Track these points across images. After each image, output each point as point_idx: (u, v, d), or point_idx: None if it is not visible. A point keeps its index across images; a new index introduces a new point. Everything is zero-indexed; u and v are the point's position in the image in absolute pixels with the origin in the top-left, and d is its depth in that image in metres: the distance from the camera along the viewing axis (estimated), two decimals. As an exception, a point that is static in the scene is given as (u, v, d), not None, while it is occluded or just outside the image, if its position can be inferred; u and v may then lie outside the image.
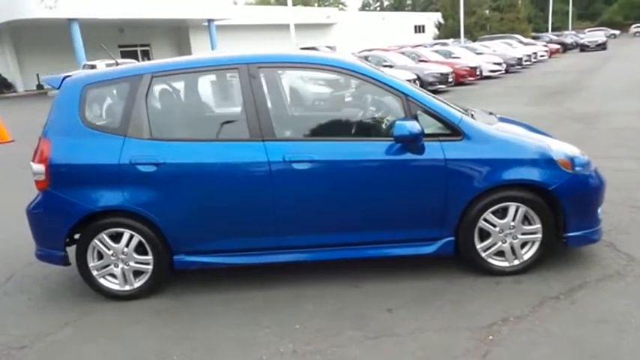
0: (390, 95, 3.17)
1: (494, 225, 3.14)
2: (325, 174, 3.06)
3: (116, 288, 3.26)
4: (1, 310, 3.32)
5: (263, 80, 3.16)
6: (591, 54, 30.08)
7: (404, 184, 3.08)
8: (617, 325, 2.62)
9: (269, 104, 3.16)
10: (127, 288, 3.27)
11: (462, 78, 16.62)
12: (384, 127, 3.27)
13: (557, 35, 41.33)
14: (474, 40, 33.09)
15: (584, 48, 33.68)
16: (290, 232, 3.17)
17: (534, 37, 37.07)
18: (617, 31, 53.75)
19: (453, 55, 19.39)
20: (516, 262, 3.21)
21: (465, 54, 19.94)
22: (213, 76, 3.92)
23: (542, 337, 2.57)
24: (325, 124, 3.51)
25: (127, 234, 3.15)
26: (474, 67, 17.44)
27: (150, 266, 3.22)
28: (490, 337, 2.59)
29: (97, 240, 3.16)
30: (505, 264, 3.22)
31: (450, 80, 15.58)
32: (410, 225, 3.17)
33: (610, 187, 3.39)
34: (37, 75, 28.33)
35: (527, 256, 3.21)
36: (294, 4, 25.71)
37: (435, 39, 40.89)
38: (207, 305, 3.16)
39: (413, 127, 2.92)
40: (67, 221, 3.13)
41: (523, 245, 3.20)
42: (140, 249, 3.19)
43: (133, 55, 29.20)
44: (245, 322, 2.94)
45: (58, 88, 3.23)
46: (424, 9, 67.46)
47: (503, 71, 19.60)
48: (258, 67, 3.15)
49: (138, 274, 3.26)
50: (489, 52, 21.57)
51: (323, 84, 5.78)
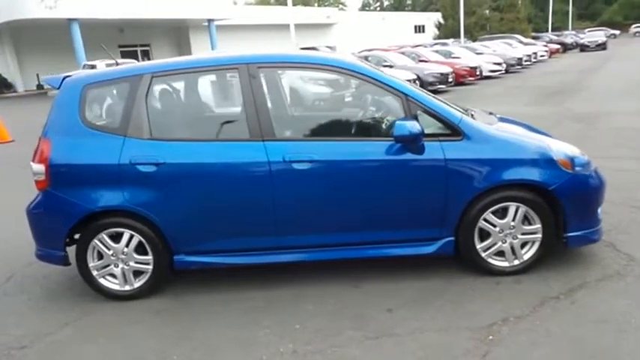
0: (390, 95, 3.17)
1: (494, 225, 3.14)
2: (325, 174, 3.06)
3: (116, 288, 3.26)
4: (1, 310, 3.32)
5: (263, 80, 3.16)
6: (591, 54, 30.08)
7: (404, 184, 3.08)
8: (617, 325, 2.62)
9: (269, 104, 3.16)
10: (127, 288, 3.27)
11: (462, 78, 16.62)
12: (384, 127, 3.27)
13: (557, 35, 41.32)
14: (473, 40, 33.09)
15: (584, 48, 33.67)
16: (290, 232, 3.17)
17: (534, 37, 37.07)
18: (617, 31, 53.76)
19: (452, 55, 19.39)
20: (516, 262, 3.21)
21: (465, 54, 19.94)
22: (213, 76, 3.92)
23: (542, 337, 2.57)
24: (325, 124, 3.51)
25: (127, 234, 3.16)
26: (474, 67, 17.45)
27: (150, 266, 3.22)
28: (490, 337, 2.59)
29: (97, 240, 3.16)
30: (505, 264, 3.22)
31: (450, 80, 15.59)
32: (410, 225, 3.18)
33: (610, 187, 3.39)
34: (37, 75, 28.33)
35: (527, 256, 3.21)
36: (294, 4, 25.72)
37: (435, 39, 40.89)
38: (207, 305, 3.16)
39: (413, 127, 2.92)
40: (67, 221, 3.13)
41: (523, 245, 3.20)
42: (140, 249, 3.19)
43: (132, 55, 29.20)
44: (245, 322, 2.94)
45: (58, 88, 3.23)
46: (424, 9, 67.48)
47: (503, 71, 19.60)
48: (258, 67, 3.15)
49: (138, 274, 3.26)
50: (489, 52, 21.57)
51: (323, 84, 5.78)
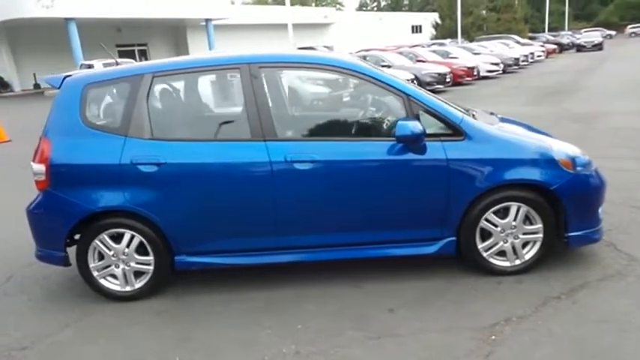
0: (392, 95, 3.17)
1: (495, 225, 3.14)
2: (327, 174, 3.05)
3: (117, 289, 3.25)
4: (1, 311, 3.30)
5: (264, 80, 3.15)
6: (588, 54, 30.18)
7: (406, 184, 3.08)
8: (619, 325, 2.63)
9: (270, 104, 3.15)
10: (128, 289, 3.25)
11: (460, 78, 16.63)
12: (385, 127, 3.27)
13: (554, 35, 41.41)
14: (470, 41, 33.13)
15: (580, 48, 33.78)
16: (291, 233, 3.16)
17: (531, 38, 37.14)
18: (613, 32, 53.95)
19: (450, 56, 19.40)
20: (518, 261, 3.22)
21: (463, 54, 19.96)
22: (214, 76, 3.91)
23: (544, 337, 2.57)
24: (327, 124, 3.51)
25: (127, 234, 3.14)
26: (471, 67, 17.46)
27: (151, 267, 3.21)
28: (493, 337, 2.59)
29: (97, 240, 3.15)
30: (506, 264, 3.22)
31: (448, 80, 15.59)
32: (411, 225, 3.17)
33: (610, 187, 3.39)
34: (34, 74, 28.23)
35: (528, 256, 3.21)
36: (291, 3, 25.68)
37: (432, 39, 40.94)
38: (208, 306, 3.15)
39: (415, 127, 2.92)
40: (67, 222, 3.12)
41: (524, 245, 3.21)
42: (141, 249, 3.18)
43: (130, 55, 29.11)
44: (246, 322, 2.93)
45: (58, 87, 3.22)
46: (421, 9, 67.59)
47: (500, 71, 19.64)
48: (259, 67, 3.14)
49: (139, 274, 3.25)
50: (486, 53, 21.60)
51: (324, 84, 5.77)
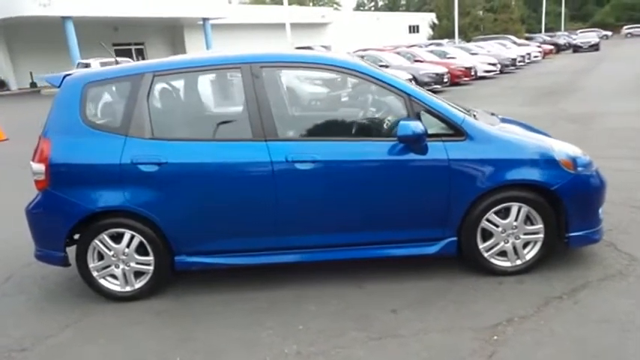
0: (393, 95, 3.16)
1: (496, 225, 3.14)
2: (328, 174, 3.05)
3: (117, 289, 3.23)
4: (1, 312, 3.28)
5: (266, 80, 3.14)
6: (584, 55, 30.29)
7: (407, 184, 3.08)
8: (621, 325, 2.63)
9: (271, 104, 3.14)
10: (128, 289, 3.24)
11: (457, 78, 16.66)
12: (387, 127, 3.26)
13: (551, 36, 41.54)
14: (467, 41, 33.19)
15: (577, 49, 33.86)
16: (292, 233, 3.16)
17: (528, 38, 37.23)
18: (609, 32, 54.19)
19: (448, 56, 19.44)
20: (519, 262, 3.22)
21: (460, 54, 20.00)
22: (215, 76, 3.89)
23: (546, 337, 2.57)
24: (328, 124, 3.50)
25: (127, 234, 3.13)
26: (468, 68, 17.49)
27: (151, 267, 3.19)
28: (495, 338, 2.59)
29: (97, 240, 3.13)
30: (507, 264, 3.23)
31: (446, 80, 15.61)
32: (413, 225, 3.17)
33: (610, 187, 3.39)
34: (31, 73, 28.09)
35: (529, 256, 3.21)
36: (289, 3, 25.66)
37: (430, 39, 41.00)
38: (208, 306, 3.13)
39: (416, 127, 2.91)
40: (67, 221, 3.10)
41: (525, 245, 3.21)
42: (141, 249, 3.16)
43: (127, 54, 29.00)
44: (248, 322, 2.92)
45: (58, 86, 3.20)
46: (418, 9, 67.69)
47: (497, 72, 19.68)
48: (261, 67, 3.13)
49: (138, 274, 3.23)
50: (484, 53, 21.64)
51: (326, 84, 5.76)
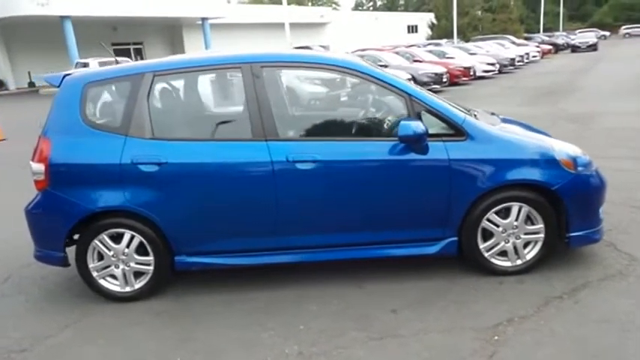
0: (394, 95, 3.16)
1: (497, 225, 3.14)
2: (328, 174, 3.04)
3: (116, 289, 3.22)
4: (0, 312, 3.27)
5: (266, 80, 3.13)
6: (583, 55, 30.32)
7: (408, 184, 3.08)
8: (621, 325, 2.64)
9: (272, 104, 3.13)
10: (128, 289, 3.23)
11: (456, 78, 16.67)
12: (387, 127, 3.26)
13: (549, 36, 41.58)
14: (466, 41, 33.20)
15: (575, 49, 33.91)
16: (293, 233, 3.15)
17: (526, 38, 37.28)
18: (608, 33, 54.30)
19: (446, 56, 19.45)
20: (519, 262, 3.22)
21: (459, 54, 20.01)
22: (215, 75, 3.88)
23: (547, 337, 2.57)
24: (328, 124, 3.50)
25: (127, 234, 3.12)
26: (467, 68, 17.50)
27: (151, 267, 3.19)
28: (495, 338, 2.59)
29: (97, 241, 3.12)
30: (508, 264, 3.23)
31: (445, 80, 15.62)
32: (413, 225, 3.17)
33: (610, 187, 3.39)
34: (29, 73, 28.03)
35: (529, 256, 3.21)
36: (287, 3, 25.64)
37: (428, 39, 41.00)
38: (208, 306, 3.13)
39: (417, 127, 2.91)
40: (66, 222, 3.09)
41: (526, 245, 3.21)
42: (141, 250, 3.16)
43: (126, 54, 28.96)
44: (248, 323, 2.91)
45: (57, 86, 3.19)
46: (417, 9, 67.68)
47: (496, 72, 19.70)
48: (261, 67, 3.12)
49: (138, 275, 3.22)
50: (482, 53, 21.65)
51: (326, 84, 5.75)
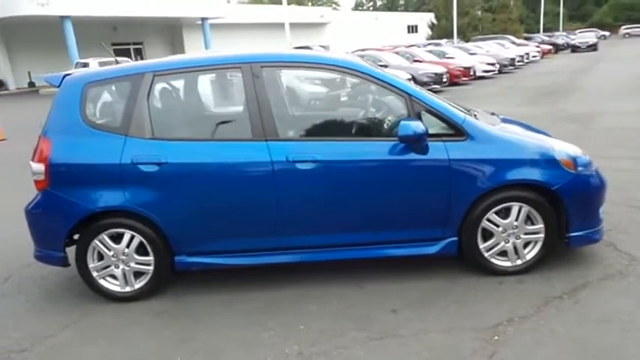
0: (394, 95, 3.16)
1: (497, 225, 3.14)
2: (328, 174, 3.04)
3: (116, 289, 3.22)
4: (0, 312, 3.27)
5: (266, 80, 3.13)
6: (582, 55, 30.33)
7: (407, 184, 3.08)
8: (621, 325, 2.64)
9: (272, 104, 3.13)
10: (128, 289, 3.23)
11: (456, 78, 16.67)
12: (387, 127, 3.26)
13: (549, 36, 41.58)
14: (466, 41, 33.20)
15: (575, 49, 33.91)
16: (293, 233, 3.15)
17: (526, 38, 37.28)
18: (607, 33, 54.31)
19: (446, 56, 19.45)
20: (519, 262, 3.22)
21: (459, 54, 20.02)
22: (215, 75, 3.88)
23: (547, 337, 2.57)
24: (328, 124, 3.50)
25: (127, 234, 3.12)
26: (467, 68, 17.50)
27: (151, 267, 3.19)
28: (496, 338, 2.59)
29: (97, 241, 3.12)
30: (508, 264, 3.23)
31: (444, 80, 15.61)
32: (413, 225, 3.17)
33: (609, 187, 3.39)
34: (29, 73, 28.02)
35: (529, 256, 3.21)
36: (288, 3, 25.64)
37: (428, 39, 41.00)
38: (208, 306, 3.13)
39: (417, 127, 2.91)
40: (66, 222, 3.09)
41: (526, 245, 3.21)
42: (141, 250, 3.16)
43: (125, 54, 28.96)
44: (248, 323, 2.91)
45: (57, 86, 3.19)
46: (417, 9, 67.68)
47: (496, 72, 19.70)
48: (261, 67, 3.12)
49: (138, 275, 3.22)
50: (482, 53, 21.65)
51: (326, 84, 5.75)
